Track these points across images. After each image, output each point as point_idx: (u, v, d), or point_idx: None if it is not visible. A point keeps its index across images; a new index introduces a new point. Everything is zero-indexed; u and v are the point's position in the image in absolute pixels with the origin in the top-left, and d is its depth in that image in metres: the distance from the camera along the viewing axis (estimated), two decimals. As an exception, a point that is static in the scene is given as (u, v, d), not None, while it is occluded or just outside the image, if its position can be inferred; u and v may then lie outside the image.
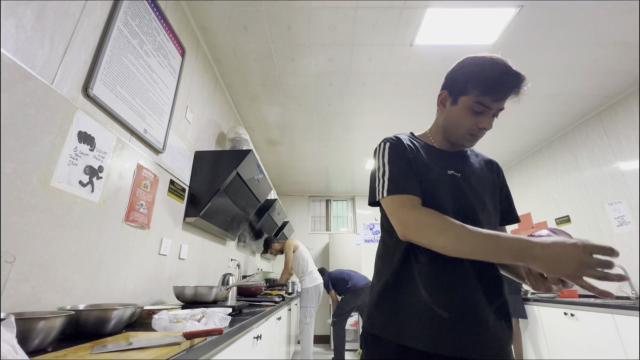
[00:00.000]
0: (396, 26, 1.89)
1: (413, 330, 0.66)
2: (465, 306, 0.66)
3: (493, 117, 0.74)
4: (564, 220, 3.18)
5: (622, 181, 2.56)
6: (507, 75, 0.70)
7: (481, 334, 0.64)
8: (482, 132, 0.75)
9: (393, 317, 0.69)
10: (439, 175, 0.75)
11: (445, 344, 0.63)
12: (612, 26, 1.87)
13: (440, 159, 0.79)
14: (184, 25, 1.75)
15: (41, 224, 0.83)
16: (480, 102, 0.72)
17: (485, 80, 0.71)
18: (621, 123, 2.56)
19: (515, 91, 0.70)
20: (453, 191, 0.74)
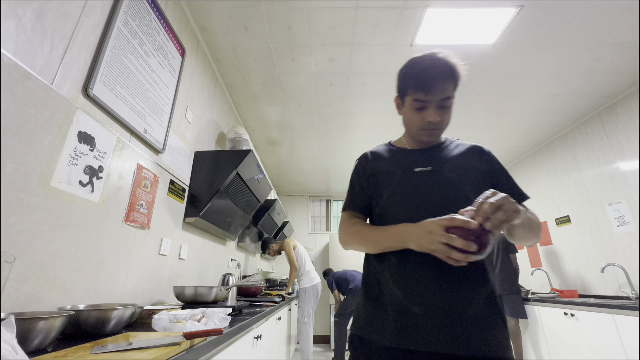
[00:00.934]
0: (396, 26, 1.90)
1: (390, 329, 0.67)
2: (439, 300, 0.66)
3: (441, 108, 0.76)
4: (564, 220, 3.18)
5: (622, 181, 2.56)
6: (432, 67, 0.73)
7: (458, 326, 0.64)
8: (433, 125, 0.77)
9: (373, 317, 0.72)
10: (403, 175, 0.79)
11: (421, 340, 0.64)
12: (612, 26, 1.87)
13: (408, 159, 0.83)
14: (184, 25, 1.75)
15: (41, 224, 0.83)
16: (417, 99, 0.75)
17: (413, 77, 0.75)
18: (621, 123, 2.57)
19: (443, 79, 0.72)
20: (421, 186, 0.76)
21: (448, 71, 0.73)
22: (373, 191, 0.83)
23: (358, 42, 2.02)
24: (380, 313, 0.71)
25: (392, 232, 0.71)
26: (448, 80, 0.73)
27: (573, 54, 2.10)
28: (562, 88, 2.47)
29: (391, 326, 0.67)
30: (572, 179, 3.10)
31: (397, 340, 0.66)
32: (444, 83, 0.73)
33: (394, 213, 0.76)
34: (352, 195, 0.87)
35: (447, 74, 0.73)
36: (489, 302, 0.67)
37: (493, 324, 0.66)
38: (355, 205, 0.85)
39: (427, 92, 0.73)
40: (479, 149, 0.85)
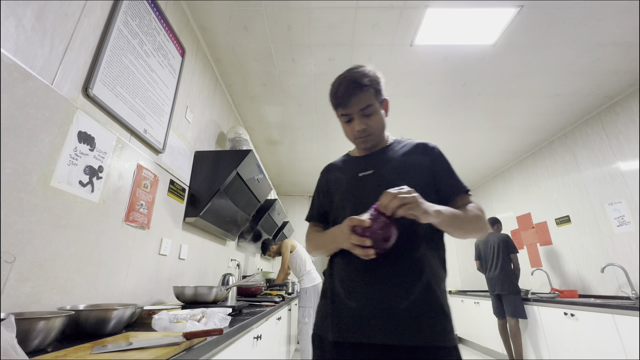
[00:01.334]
0: (396, 26, 1.90)
1: (331, 323, 0.74)
2: (372, 294, 0.72)
3: (364, 117, 0.82)
4: (564, 220, 3.18)
5: (622, 181, 2.56)
6: (342, 84, 0.81)
7: (390, 319, 0.68)
8: (361, 133, 0.83)
9: (323, 315, 0.79)
10: (348, 183, 0.86)
11: (353, 332, 0.70)
12: (612, 26, 1.87)
13: (353, 166, 0.90)
14: (184, 25, 1.75)
15: (41, 224, 0.83)
16: (341, 114, 0.84)
17: (332, 96, 0.84)
18: (621, 123, 2.57)
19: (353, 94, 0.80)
20: (364, 189, 0.82)
21: (355, 84, 0.79)
22: (327, 200, 0.91)
23: (358, 42, 2.02)
24: (328, 310, 0.77)
25: (327, 236, 0.81)
26: (359, 92, 0.79)
27: (573, 54, 2.10)
28: (562, 88, 2.47)
29: (335, 322, 0.74)
30: (572, 179, 3.10)
31: (341, 335, 0.72)
32: (356, 95, 0.79)
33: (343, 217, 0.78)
34: (312, 207, 0.98)
35: (355, 86, 0.79)
36: (424, 294, 0.71)
37: (427, 314, 0.69)
38: (313, 216, 0.96)
39: (345, 107, 0.81)
40: (423, 145, 0.88)
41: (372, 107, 0.81)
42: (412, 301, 0.69)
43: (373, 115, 0.82)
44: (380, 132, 0.86)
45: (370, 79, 0.81)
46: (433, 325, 0.68)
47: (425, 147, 0.87)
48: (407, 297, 0.69)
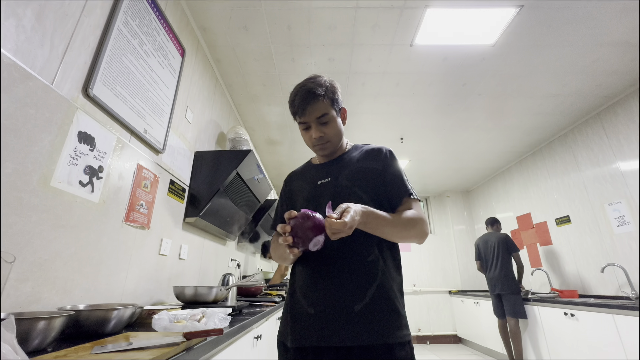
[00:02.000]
0: (396, 26, 1.90)
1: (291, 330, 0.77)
2: (328, 300, 0.74)
3: (322, 125, 0.85)
4: (564, 220, 3.18)
5: (622, 181, 2.56)
6: (298, 93, 0.84)
7: (345, 322, 0.71)
8: (319, 141, 0.86)
9: (285, 322, 0.82)
10: (309, 191, 0.89)
11: (310, 337, 0.73)
12: (612, 26, 1.87)
13: (315, 174, 0.92)
14: (184, 25, 1.75)
15: (41, 224, 0.83)
16: (299, 122, 0.87)
17: (290, 106, 0.87)
18: (621, 123, 2.57)
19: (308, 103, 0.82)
20: (322, 196, 0.84)
21: (311, 94, 0.82)
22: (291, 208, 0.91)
23: (358, 42, 2.02)
24: (288, 317, 0.80)
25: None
26: (314, 101, 0.82)
27: (573, 54, 2.10)
28: (562, 88, 2.47)
29: (295, 328, 0.76)
30: (572, 179, 3.10)
31: (300, 340, 0.74)
32: (312, 104, 0.82)
33: None
34: (275, 216, 1.00)
35: (311, 96, 0.82)
36: (377, 296, 0.74)
37: (381, 314, 0.72)
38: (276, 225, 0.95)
39: (302, 115, 0.84)
40: (377, 151, 0.91)
41: (327, 115, 0.84)
42: (366, 303, 0.73)
43: (329, 123, 0.85)
44: (338, 140, 0.89)
45: (325, 88, 0.84)
46: (386, 324, 0.72)
47: (379, 152, 0.90)
48: (361, 300, 0.73)
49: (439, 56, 2.14)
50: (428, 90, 2.53)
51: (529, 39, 1.98)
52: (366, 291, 0.74)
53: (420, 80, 2.40)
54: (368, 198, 0.82)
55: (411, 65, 2.23)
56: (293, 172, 1.02)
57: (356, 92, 2.55)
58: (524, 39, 1.97)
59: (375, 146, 0.93)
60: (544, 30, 1.91)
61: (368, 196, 0.82)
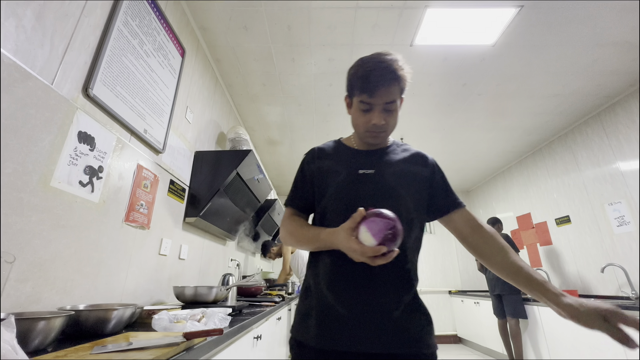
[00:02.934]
0: (396, 26, 1.90)
1: (316, 329, 0.69)
2: (365, 302, 0.68)
3: (386, 112, 0.75)
4: (564, 220, 3.18)
5: (622, 181, 2.56)
6: (375, 70, 0.72)
7: (383, 328, 0.66)
8: (377, 128, 0.76)
9: (305, 319, 0.73)
10: (347, 177, 0.78)
11: (343, 340, 0.66)
12: (612, 26, 1.87)
13: (352, 160, 0.82)
14: (184, 25, 1.75)
15: (41, 224, 0.83)
16: (362, 101, 0.75)
17: (358, 80, 0.75)
18: (621, 123, 2.57)
19: (386, 84, 0.72)
20: (363, 189, 0.76)
21: (391, 75, 0.73)
22: (316, 189, 0.81)
23: (358, 42, 2.02)
24: (312, 314, 0.72)
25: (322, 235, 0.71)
26: (392, 85, 0.73)
27: (573, 54, 2.10)
28: (562, 88, 2.47)
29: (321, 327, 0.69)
30: (572, 179, 3.10)
31: (324, 342, 0.67)
32: (388, 87, 0.73)
33: (335, 213, 0.76)
34: (295, 192, 0.86)
35: (391, 78, 0.73)
36: (413, 303, 0.71)
37: (416, 322, 0.69)
38: (296, 203, 0.85)
39: (372, 95, 0.73)
40: (423, 157, 0.86)
41: (394, 103, 0.75)
42: (402, 309, 0.68)
43: (393, 112, 0.77)
44: (392, 131, 0.80)
45: (404, 72, 0.75)
46: (421, 333, 0.68)
47: (425, 159, 0.85)
48: (398, 306, 0.68)
49: (439, 56, 2.14)
50: (428, 91, 2.53)
51: (529, 39, 1.98)
52: (403, 297, 0.70)
53: (420, 81, 2.40)
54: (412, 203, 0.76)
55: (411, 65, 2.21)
56: (320, 149, 0.88)
57: (356, 92, 2.55)
58: (524, 39, 1.97)
59: (419, 150, 0.87)
60: (544, 30, 1.91)
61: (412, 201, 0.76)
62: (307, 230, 0.77)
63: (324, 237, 0.70)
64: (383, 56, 0.75)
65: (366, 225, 0.59)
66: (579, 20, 1.83)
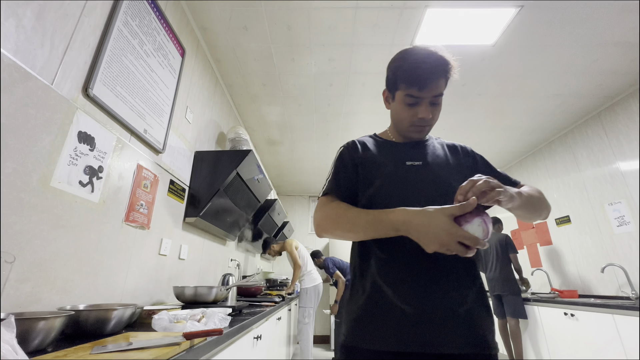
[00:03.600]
0: (396, 26, 1.90)
1: (378, 331, 0.64)
2: (430, 298, 0.64)
3: (432, 105, 0.74)
4: (564, 220, 3.18)
5: (622, 181, 2.56)
6: (426, 63, 0.70)
7: (450, 325, 0.62)
8: (424, 122, 0.75)
9: (362, 322, 0.67)
10: (395, 168, 0.76)
11: (411, 341, 0.62)
12: (612, 26, 1.87)
13: (398, 152, 0.80)
14: (184, 25, 1.75)
15: (41, 224, 0.83)
16: (409, 94, 0.73)
17: (406, 72, 0.72)
18: (621, 123, 2.57)
19: (438, 76, 0.71)
20: (413, 180, 0.74)
21: (443, 68, 0.71)
22: (361, 180, 0.78)
23: (358, 42, 2.02)
24: (370, 316, 0.67)
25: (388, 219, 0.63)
26: (442, 77, 0.71)
27: (573, 54, 2.10)
28: (562, 88, 2.47)
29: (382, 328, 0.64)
30: (572, 179, 3.10)
31: (388, 344, 0.63)
32: (438, 80, 0.71)
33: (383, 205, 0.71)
34: (337, 182, 0.80)
35: (442, 70, 0.71)
36: (478, 299, 0.67)
37: (483, 321, 0.66)
38: (340, 192, 0.78)
39: (422, 88, 0.71)
40: (463, 147, 0.86)
41: (441, 96, 0.73)
42: (468, 306, 0.65)
43: (438, 106, 0.75)
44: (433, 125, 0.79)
45: (453, 68, 0.73)
46: (486, 333, 0.65)
47: (465, 149, 0.85)
48: (464, 301, 0.65)
49: (439, 56, 2.14)
50: (428, 90, 2.52)
51: (529, 39, 1.98)
52: (468, 292, 0.66)
53: (420, 80, 2.40)
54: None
55: (411, 65, 2.22)
56: (360, 141, 0.85)
57: (356, 92, 2.55)
58: (523, 39, 1.97)
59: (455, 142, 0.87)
60: (544, 30, 1.91)
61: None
62: (360, 213, 0.68)
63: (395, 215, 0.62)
64: (430, 48, 0.73)
65: (483, 218, 0.56)
66: (579, 20, 1.83)
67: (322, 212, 0.75)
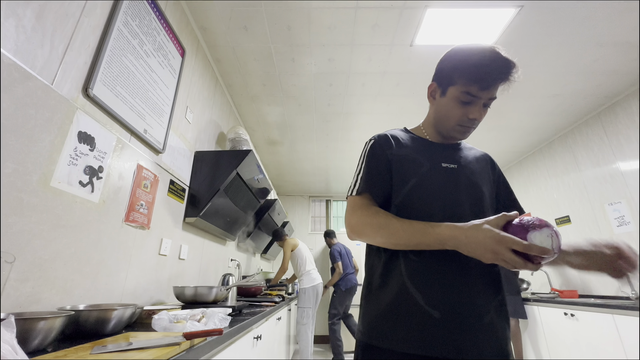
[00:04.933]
0: (396, 26, 1.90)
1: (403, 333, 0.63)
2: (459, 304, 0.63)
3: (484, 107, 0.72)
4: (564, 220, 3.18)
5: (622, 181, 2.56)
6: (494, 62, 0.67)
7: (476, 333, 0.62)
8: (473, 122, 0.73)
9: (382, 321, 0.67)
10: (430, 169, 0.74)
11: (437, 346, 0.61)
12: (612, 26, 1.87)
13: (433, 152, 0.78)
14: (184, 25, 1.75)
15: (41, 224, 0.83)
16: (468, 92, 0.70)
17: (471, 69, 0.69)
18: (621, 123, 2.56)
19: (503, 78, 0.68)
20: (447, 183, 0.73)
21: (510, 71, 0.67)
22: (396, 178, 0.74)
23: (358, 42, 2.02)
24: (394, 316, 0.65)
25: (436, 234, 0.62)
26: (505, 80, 0.69)
27: (573, 54, 2.10)
28: (562, 88, 2.47)
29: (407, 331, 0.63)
30: (572, 179, 3.10)
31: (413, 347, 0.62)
32: (501, 82, 0.68)
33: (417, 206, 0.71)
34: (370, 179, 0.75)
35: (508, 73, 0.67)
36: (501, 309, 0.68)
37: (503, 330, 0.66)
38: (374, 191, 0.74)
39: (484, 88, 0.68)
40: (491, 159, 0.86)
41: (494, 100, 0.72)
42: (492, 315, 0.65)
43: (487, 109, 0.73)
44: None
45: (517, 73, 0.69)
46: (506, 341, 0.66)
47: (492, 159, 0.86)
48: (489, 310, 0.65)
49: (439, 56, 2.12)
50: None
51: (529, 39, 1.98)
52: (493, 300, 0.67)
53: (420, 81, 2.40)
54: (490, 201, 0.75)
55: (411, 65, 2.23)
56: (393, 135, 0.81)
57: (356, 92, 2.55)
58: (523, 39, 1.97)
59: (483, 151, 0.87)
60: (544, 30, 1.91)
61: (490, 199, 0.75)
62: (407, 223, 0.65)
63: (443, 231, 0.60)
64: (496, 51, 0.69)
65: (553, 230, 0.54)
66: (579, 20, 1.83)
67: (359, 217, 0.71)
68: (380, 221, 0.68)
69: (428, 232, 0.62)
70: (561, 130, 3.18)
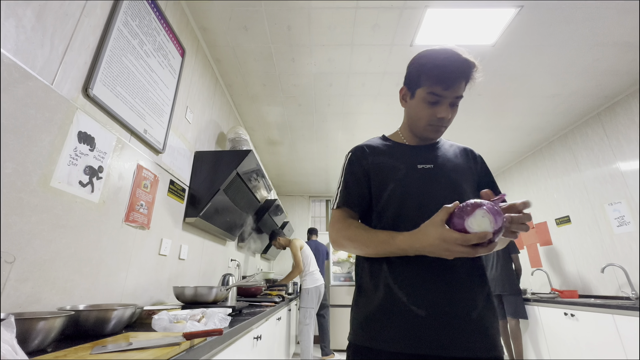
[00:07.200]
0: (396, 26, 1.90)
1: (391, 333, 0.65)
2: (444, 301, 0.65)
3: (452, 106, 0.74)
4: (564, 220, 3.18)
5: (622, 181, 2.56)
6: (455, 63, 0.71)
7: (464, 328, 0.63)
8: (442, 121, 0.75)
9: (370, 322, 0.69)
10: (407, 172, 0.76)
11: (425, 344, 0.62)
12: (612, 26, 1.87)
13: (409, 155, 0.80)
14: (184, 25, 1.75)
15: (41, 224, 0.83)
16: (433, 92, 0.73)
17: (434, 70, 0.72)
18: (621, 123, 2.56)
19: (464, 78, 0.71)
20: (425, 184, 0.75)
21: (469, 70, 0.71)
22: (374, 186, 0.78)
23: (358, 42, 2.02)
24: (382, 317, 0.67)
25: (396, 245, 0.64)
26: (466, 79, 0.72)
27: (573, 54, 2.10)
28: (562, 88, 2.47)
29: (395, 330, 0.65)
30: (572, 179, 3.10)
31: (401, 345, 0.63)
32: (460, 82, 0.72)
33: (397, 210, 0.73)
34: (347, 191, 0.79)
35: (465, 73, 0.71)
36: (488, 302, 0.69)
37: (492, 324, 0.67)
38: (351, 202, 0.78)
39: (447, 87, 0.71)
40: (471, 151, 0.87)
41: (460, 99, 0.74)
42: (480, 310, 0.66)
43: (456, 107, 0.75)
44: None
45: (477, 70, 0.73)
46: (495, 336, 0.66)
47: (473, 153, 0.86)
48: (476, 306, 0.66)
49: (439, 56, 2.14)
50: (428, 91, 2.52)
51: (529, 39, 1.98)
52: (479, 296, 0.67)
53: (420, 81, 2.40)
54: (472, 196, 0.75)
55: (411, 65, 2.22)
56: (368, 146, 0.84)
57: (356, 92, 2.55)
58: (524, 39, 1.97)
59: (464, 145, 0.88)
60: (544, 30, 1.91)
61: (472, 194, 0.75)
62: (373, 235, 0.69)
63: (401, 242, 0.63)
64: (456, 50, 0.73)
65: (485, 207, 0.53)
66: (579, 20, 1.83)
67: (337, 230, 0.76)
68: (350, 234, 0.73)
69: (390, 243, 0.66)
70: (561, 130, 3.18)
